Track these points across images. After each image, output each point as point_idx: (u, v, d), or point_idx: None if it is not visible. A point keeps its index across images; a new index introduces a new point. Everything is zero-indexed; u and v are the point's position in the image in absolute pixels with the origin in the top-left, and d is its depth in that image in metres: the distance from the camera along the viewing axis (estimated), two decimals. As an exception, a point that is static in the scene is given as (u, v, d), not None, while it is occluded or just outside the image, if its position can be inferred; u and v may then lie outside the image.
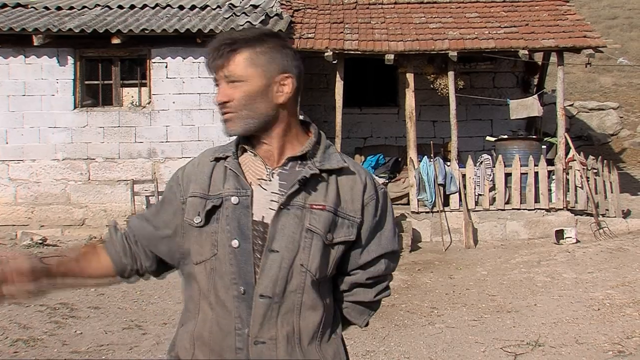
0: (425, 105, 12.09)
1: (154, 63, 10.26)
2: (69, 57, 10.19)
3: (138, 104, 10.37)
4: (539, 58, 11.84)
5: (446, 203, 10.15)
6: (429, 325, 5.92)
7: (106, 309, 6.21)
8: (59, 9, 10.82)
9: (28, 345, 4.99)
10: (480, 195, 10.26)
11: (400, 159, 11.40)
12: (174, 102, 10.23)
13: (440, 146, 11.53)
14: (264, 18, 10.35)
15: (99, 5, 11.02)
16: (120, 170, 10.17)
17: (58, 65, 10.18)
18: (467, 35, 10.57)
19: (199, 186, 1.62)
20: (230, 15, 10.55)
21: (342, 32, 10.71)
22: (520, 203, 10.19)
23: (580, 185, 10.31)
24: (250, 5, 11.07)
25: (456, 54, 10.13)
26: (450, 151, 10.61)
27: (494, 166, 10.29)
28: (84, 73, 10.32)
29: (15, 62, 10.19)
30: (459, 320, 6.04)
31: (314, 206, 1.56)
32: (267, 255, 1.54)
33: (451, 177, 10.13)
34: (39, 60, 10.17)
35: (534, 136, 11.31)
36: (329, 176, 1.60)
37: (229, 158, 1.62)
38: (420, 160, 10.20)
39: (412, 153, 10.33)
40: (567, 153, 10.41)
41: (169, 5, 11.09)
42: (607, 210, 10.65)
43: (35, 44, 9.71)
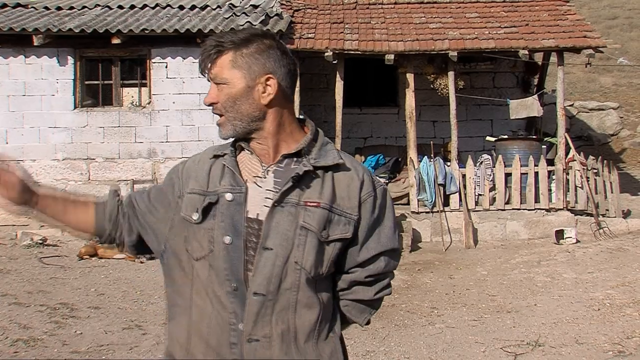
0: (425, 105, 12.09)
1: (154, 63, 10.26)
2: (69, 57, 10.19)
3: (138, 104, 10.37)
4: (539, 58, 11.84)
5: (446, 203, 10.15)
6: (429, 325, 5.92)
7: (106, 309, 6.21)
8: (59, 9, 10.82)
9: (28, 345, 4.99)
10: (480, 195, 10.26)
11: (400, 159, 11.40)
12: (174, 102, 10.23)
13: (440, 146, 11.53)
14: (264, 18, 10.36)
15: (99, 5, 11.03)
16: (121, 170, 10.17)
17: (58, 65, 10.18)
18: (467, 35, 10.57)
19: (197, 183, 1.63)
20: (230, 15, 10.55)
21: (342, 32, 10.71)
22: (521, 203, 10.19)
23: (580, 185, 10.31)
24: (250, 5, 11.07)
25: (456, 54, 10.13)
26: (450, 151, 10.61)
27: (494, 166, 10.29)
28: (84, 73, 10.32)
29: (15, 62, 10.19)
30: (459, 320, 6.04)
31: (308, 203, 1.56)
32: (261, 252, 1.54)
33: (451, 177, 10.13)
34: (39, 60, 10.17)
35: (534, 136, 11.31)
36: (325, 173, 1.60)
37: (226, 155, 1.64)
38: (420, 160, 10.20)
39: (412, 153, 10.33)
40: (567, 153, 10.42)
41: (169, 5, 11.09)
42: (607, 210, 10.65)
43: (35, 44, 9.71)
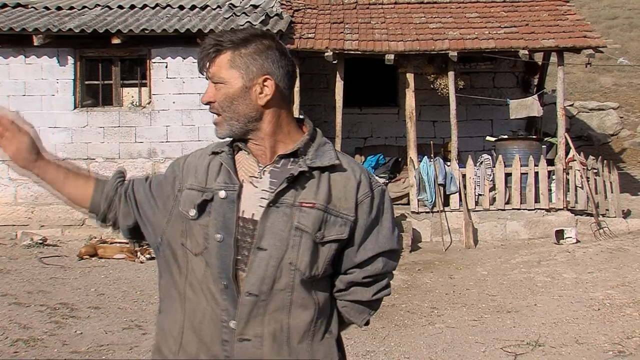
0: (425, 105, 12.09)
1: (154, 63, 10.26)
2: (69, 57, 10.19)
3: (138, 104, 10.37)
4: (539, 58, 11.84)
5: (446, 203, 10.15)
6: (429, 325, 5.92)
7: (106, 309, 6.21)
8: (59, 9, 10.82)
9: (28, 345, 4.99)
10: (480, 195, 10.26)
11: (400, 159, 11.40)
12: (174, 102, 10.23)
13: (440, 146, 11.53)
14: (264, 18, 10.35)
15: (99, 5, 11.03)
16: (121, 170, 10.17)
17: (58, 65, 10.18)
18: (467, 35, 10.57)
19: (196, 179, 1.64)
20: (230, 15, 10.55)
21: (342, 32, 10.71)
22: (521, 203, 10.19)
23: (580, 185, 10.31)
24: (251, 5, 11.07)
25: (456, 54, 10.13)
26: (450, 151, 10.61)
27: (494, 166, 10.29)
28: (84, 73, 10.32)
29: (15, 62, 10.19)
30: (459, 320, 6.04)
31: (303, 204, 1.55)
32: (256, 253, 1.54)
33: (451, 177, 10.13)
34: (39, 60, 10.17)
35: (534, 136, 11.31)
36: (322, 174, 1.59)
37: (224, 153, 1.64)
38: (420, 160, 10.20)
39: (412, 153, 10.33)
40: (567, 153, 10.42)
41: (169, 5, 11.09)
42: (607, 210, 10.65)
43: (35, 44, 9.71)
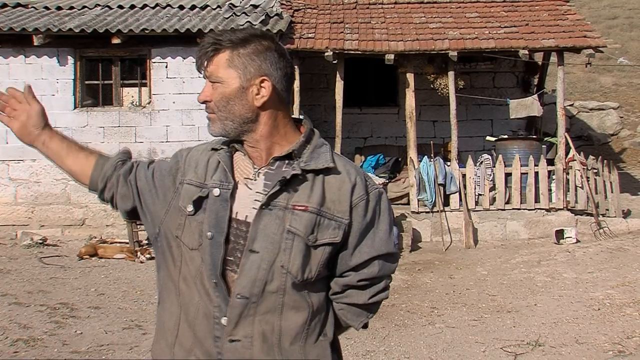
0: (425, 105, 12.09)
1: (154, 63, 10.26)
2: (69, 57, 10.19)
3: (138, 104, 10.37)
4: (539, 58, 11.84)
5: (446, 203, 10.15)
6: (429, 325, 5.92)
7: (106, 309, 6.21)
8: (59, 8, 10.82)
9: (28, 345, 4.99)
10: (480, 195, 10.27)
11: (400, 159, 11.40)
12: (174, 102, 10.23)
13: (440, 146, 11.53)
14: (264, 18, 10.35)
15: (99, 5, 11.02)
16: (121, 170, 10.16)
17: (58, 65, 10.18)
18: (467, 35, 10.57)
19: (196, 174, 1.63)
20: (230, 15, 10.55)
21: (342, 32, 10.71)
22: (521, 203, 10.19)
23: (580, 185, 10.32)
24: (251, 5, 11.07)
25: (456, 54, 10.13)
26: (450, 151, 10.61)
27: (494, 166, 10.29)
28: (84, 73, 10.32)
29: (15, 62, 10.19)
30: (459, 320, 6.04)
31: (296, 207, 1.54)
32: (248, 255, 1.54)
33: (451, 177, 10.13)
34: (39, 60, 10.17)
35: (534, 136, 11.31)
36: (316, 176, 1.58)
37: (222, 151, 1.64)
38: (420, 160, 10.20)
39: (412, 153, 10.33)
40: (567, 153, 10.42)
41: (169, 5, 11.09)
42: (607, 210, 10.66)
43: (35, 44, 9.71)
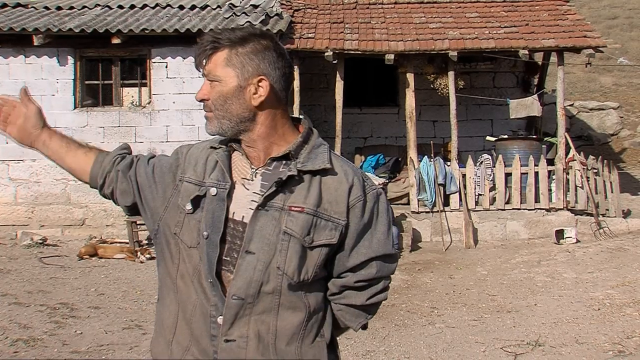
0: (425, 105, 12.09)
1: (154, 63, 10.26)
2: (69, 57, 10.19)
3: (138, 104, 10.37)
4: (539, 58, 11.84)
5: (446, 203, 10.15)
6: (429, 325, 5.92)
7: (106, 309, 6.21)
8: (59, 9, 10.82)
9: (28, 345, 4.99)
10: (480, 195, 10.27)
11: (400, 159, 11.40)
12: (174, 102, 10.23)
13: (440, 146, 11.53)
14: (264, 18, 10.35)
15: (99, 5, 11.02)
16: (121, 170, 10.16)
17: (58, 65, 10.18)
18: (467, 35, 10.57)
19: (195, 173, 1.63)
20: (230, 15, 10.55)
21: (342, 32, 10.71)
22: (521, 203, 10.19)
23: (580, 185, 10.32)
24: (251, 5, 11.07)
25: (456, 54, 10.13)
26: (450, 151, 10.61)
27: (494, 166, 10.29)
28: (84, 73, 10.33)
29: (15, 62, 10.19)
30: (459, 320, 6.04)
31: (292, 208, 1.54)
32: (244, 256, 1.53)
33: (451, 177, 10.13)
34: (39, 60, 10.17)
35: (534, 136, 11.31)
36: (313, 177, 1.57)
37: (220, 150, 1.63)
38: (420, 160, 10.20)
39: (412, 153, 10.33)
40: (567, 153, 10.42)
41: (169, 5, 11.09)
42: (607, 210, 10.66)
43: (35, 44, 9.71)
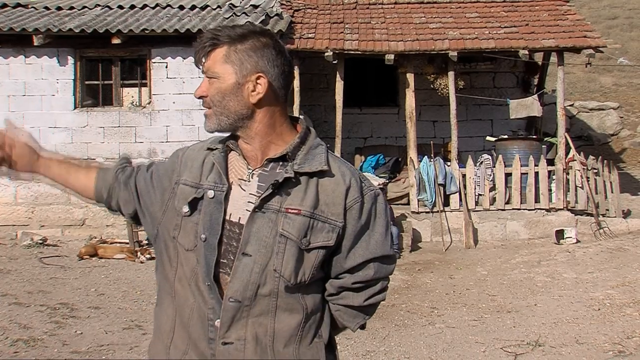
0: (425, 105, 12.09)
1: (154, 63, 10.26)
2: (69, 57, 10.19)
3: (138, 104, 10.37)
4: (539, 58, 11.84)
5: (446, 203, 10.15)
6: (429, 325, 5.92)
7: (106, 309, 6.21)
8: (59, 9, 10.83)
9: (28, 345, 4.99)
10: (480, 195, 10.27)
11: (400, 159, 11.40)
12: (174, 102, 10.23)
13: (440, 146, 11.53)
14: (264, 18, 10.36)
15: (99, 5, 11.03)
16: (121, 170, 10.16)
17: (58, 65, 10.18)
18: (467, 35, 10.57)
19: (191, 174, 1.62)
20: (230, 15, 10.56)
21: (342, 32, 10.71)
22: (521, 203, 10.19)
23: (580, 185, 10.32)
24: (251, 5, 11.08)
25: (456, 54, 10.13)
26: (450, 151, 10.61)
27: (494, 166, 10.29)
28: (84, 73, 10.32)
29: (15, 62, 10.19)
30: (459, 320, 6.04)
31: (289, 210, 1.52)
32: (240, 258, 1.52)
33: (451, 177, 10.13)
34: (39, 60, 10.17)
35: (534, 136, 11.32)
36: (310, 178, 1.56)
37: (217, 151, 1.63)
38: (420, 160, 10.20)
39: (412, 153, 10.33)
40: (567, 153, 10.42)
41: (169, 5, 11.09)
42: (608, 210, 10.66)
43: (35, 44, 9.71)
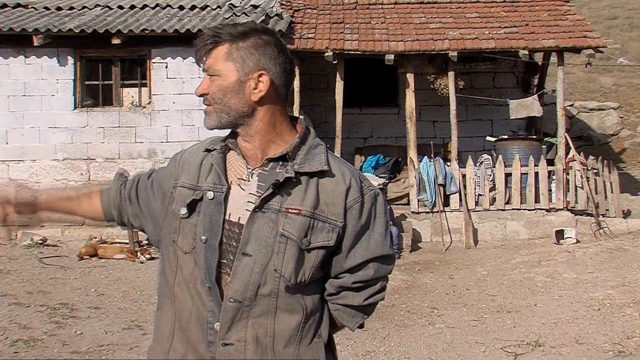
0: (425, 105, 12.09)
1: (154, 63, 10.26)
2: (69, 57, 10.19)
3: (138, 104, 10.37)
4: (539, 58, 11.84)
5: (446, 203, 10.15)
6: (429, 325, 5.92)
7: (106, 309, 6.20)
8: (59, 9, 10.82)
9: (28, 345, 4.99)
10: (480, 195, 10.27)
11: (400, 159, 11.41)
12: (174, 102, 10.23)
13: (440, 146, 11.53)
14: (264, 18, 10.36)
15: (99, 5, 11.03)
16: (121, 170, 10.16)
17: (58, 66, 10.18)
18: (467, 35, 10.57)
19: (188, 176, 1.62)
20: (230, 15, 10.56)
21: (342, 32, 10.71)
22: (521, 203, 10.19)
23: (580, 186, 10.32)
24: (251, 5, 11.08)
25: (456, 54, 10.13)
26: (450, 151, 10.62)
27: (494, 166, 10.29)
28: (84, 73, 10.32)
29: (15, 62, 10.19)
30: (459, 320, 6.04)
31: (289, 210, 1.52)
32: (240, 258, 1.52)
33: (451, 177, 10.13)
34: (39, 60, 10.17)
35: (534, 136, 11.32)
36: (310, 178, 1.55)
37: (215, 152, 1.62)
38: (420, 161, 10.20)
39: (412, 153, 10.33)
40: (567, 153, 10.42)
41: (169, 5, 11.09)
42: (607, 210, 10.66)
43: (35, 44, 9.71)
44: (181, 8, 11.00)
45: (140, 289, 7.04)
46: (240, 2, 11.33)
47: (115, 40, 9.69)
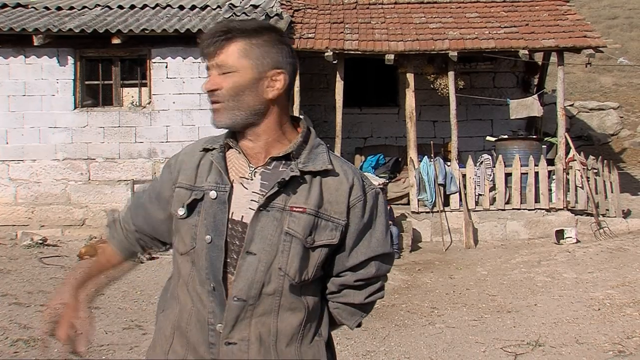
0: (425, 105, 12.09)
1: (154, 63, 10.25)
2: (69, 57, 10.19)
3: (138, 104, 10.37)
4: (539, 58, 11.84)
5: (446, 203, 10.16)
6: (429, 325, 5.92)
7: (106, 309, 6.20)
8: (59, 9, 10.82)
9: (28, 345, 4.98)
10: (480, 195, 10.27)
11: (400, 159, 11.41)
12: (174, 102, 10.23)
13: (440, 146, 11.53)
14: (264, 18, 10.36)
15: (99, 5, 11.03)
16: (121, 170, 10.17)
17: (58, 65, 10.18)
18: (467, 35, 10.57)
19: (186, 177, 1.61)
20: (230, 15, 10.56)
21: (342, 32, 10.71)
22: (521, 203, 10.19)
23: (580, 185, 10.32)
24: (251, 5, 11.08)
25: (456, 54, 10.14)
26: (450, 151, 10.62)
27: (494, 166, 10.29)
28: (84, 73, 10.32)
29: (15, 62, 10.19)
30: (459, 320, 6.04)
31: (294, 209, 1.52)
32: (244, 257, 1.52)
33: (451, 177, 10.14)
34: (39, 60, 10.17)
35: (534, 136, 11.32)
36: (313, 177, 1.56)
37: (215, 151, 1.61)
38: (420, 160, 10.20)
39: (412, 153, 10.33)
40: (568, 153, 10.42)
41: (169, 5, 11.10)
42: (608, 210, 10.66)
43: (35, 44, 9.71)
44: (181, 8, 11.00)
45: (140, 289, 7.03)
46: (240, 2, 11.33)
47: (115, 40, 9.69)
